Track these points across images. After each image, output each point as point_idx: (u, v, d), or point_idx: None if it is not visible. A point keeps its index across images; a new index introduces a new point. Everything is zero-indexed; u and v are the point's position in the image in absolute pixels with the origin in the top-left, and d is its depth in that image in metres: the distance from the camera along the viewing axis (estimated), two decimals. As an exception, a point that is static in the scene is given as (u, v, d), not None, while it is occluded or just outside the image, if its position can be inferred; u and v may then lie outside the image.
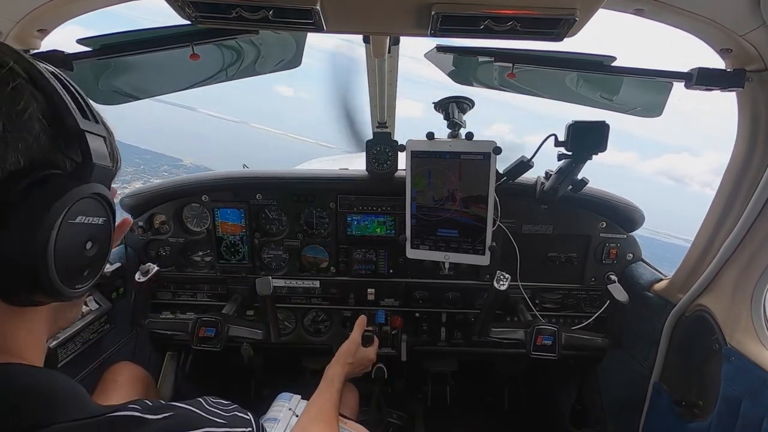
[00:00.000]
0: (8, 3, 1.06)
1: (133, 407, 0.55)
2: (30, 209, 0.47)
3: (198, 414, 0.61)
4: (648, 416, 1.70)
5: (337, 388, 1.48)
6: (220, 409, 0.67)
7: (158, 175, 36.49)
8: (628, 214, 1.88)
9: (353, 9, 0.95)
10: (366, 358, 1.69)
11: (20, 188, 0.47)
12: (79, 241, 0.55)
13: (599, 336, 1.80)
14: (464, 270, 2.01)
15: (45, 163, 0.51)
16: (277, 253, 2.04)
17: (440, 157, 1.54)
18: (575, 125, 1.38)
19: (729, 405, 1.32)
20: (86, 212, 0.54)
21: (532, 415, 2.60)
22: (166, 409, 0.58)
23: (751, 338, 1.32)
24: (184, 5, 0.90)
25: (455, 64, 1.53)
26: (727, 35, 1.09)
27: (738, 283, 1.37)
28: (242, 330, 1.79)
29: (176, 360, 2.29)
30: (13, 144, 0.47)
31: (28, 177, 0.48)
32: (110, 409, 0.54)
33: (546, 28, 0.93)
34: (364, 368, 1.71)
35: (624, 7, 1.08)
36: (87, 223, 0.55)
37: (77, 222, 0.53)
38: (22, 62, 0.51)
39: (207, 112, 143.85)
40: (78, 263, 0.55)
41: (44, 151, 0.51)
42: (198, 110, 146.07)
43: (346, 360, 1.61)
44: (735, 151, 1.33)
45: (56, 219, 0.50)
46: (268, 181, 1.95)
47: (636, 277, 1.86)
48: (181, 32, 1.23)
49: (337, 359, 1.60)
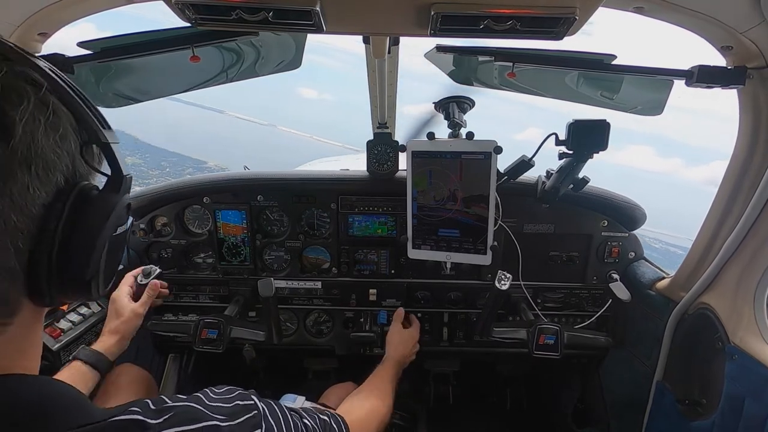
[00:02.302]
0: (9, 7, 1.06)
1: (135, 410, 0.55)
2: (81, 226, 0.50)
3: (199, 409, 0.61)
4: (651, 415, 1.70)
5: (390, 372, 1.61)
6: (222, 400, 0.67)
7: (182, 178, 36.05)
8: (629, 212, 1.87)
9: (353, 9, 0.96)
10: (412, 337, 1.83)
11: (67, 206, 0.49)
12: (118, 249, 0.59)
13: (601, 335, 1.80)
14: (466, 270, 2.01)
15: (80, 177, 0.53)
16: (279, 255, 2.04)
17: (441, 157, 1.54)
18: (576, 124, 1.38)
19: (732, 403, 1.32)
20: (121, 222, 0.58)
21: (534, 414, 2.59)
22: (167, 411, 0.58)
23: (754, 336, 1.32)
24: (184, 8, 0.90)
25: (455, 63, 1.53)
26: (727, 32, 1.09)
27: (740, 280, 1.37)
28: (244, 331, 1.79)
29: (179, 362, 2.29)
30: (58, 166, 0.49)
31: (70, 194, 0.50)
32: (112, 413, 0.54)
33: (546, 27, 0.93)
34: (415, 348, 1.84)
35: (624, 6, 1.07)
36: (122, 232, 0.59)
37: (117, 233, 0.57)
38: (50, 80, 0.51)
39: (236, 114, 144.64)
40: (114, 269, 0.60)
41: (78, 166, 0.52)
42: (227, 113, 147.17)
43: (396, 349, 1.76)
44: (736, 148, 1.32)
45: (107, 234, 0.53)
46: (269, 183, 1.95)
47: (638, 275, 1.86)
48: (181, 34, 1.23)
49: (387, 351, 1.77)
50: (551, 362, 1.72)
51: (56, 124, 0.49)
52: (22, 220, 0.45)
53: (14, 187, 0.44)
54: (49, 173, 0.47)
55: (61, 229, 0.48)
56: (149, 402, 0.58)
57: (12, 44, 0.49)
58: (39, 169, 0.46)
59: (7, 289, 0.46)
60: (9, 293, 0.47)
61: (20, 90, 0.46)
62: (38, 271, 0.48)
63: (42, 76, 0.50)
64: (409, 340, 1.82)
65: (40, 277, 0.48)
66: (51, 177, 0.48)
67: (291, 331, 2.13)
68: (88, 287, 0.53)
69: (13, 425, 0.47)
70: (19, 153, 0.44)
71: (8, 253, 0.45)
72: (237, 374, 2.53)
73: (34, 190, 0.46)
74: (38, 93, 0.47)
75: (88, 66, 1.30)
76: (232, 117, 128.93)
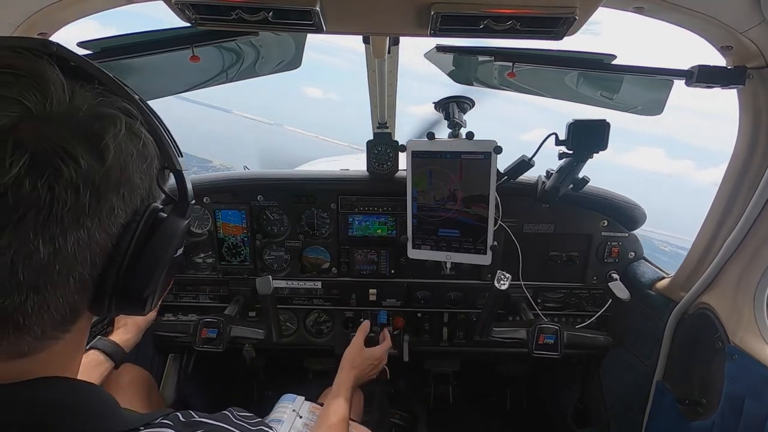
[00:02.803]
0: (9, 7, 1.06)
1: (167, 422, 0.57)
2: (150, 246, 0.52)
3: (226, 428, 0.63)
4: (651, 415, 1.70)
5: (345, 397, 1.45)
6: (246, 422, 0.68)
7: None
8: (629, 212, 1.87)
9: (352, 10, 0.96)
10: (372, 357, 1.68)
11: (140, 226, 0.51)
12: (174, 270, 0.61)
13: (601, 334, 1.80)
14: (466, 270, 2.01)
15: (153, 199, 0.55)
16: (279, 254, 2.04)
17: (441, 157, 1.54)
18: (576, 124, 1.38)
19: (732, 403, 1.32)
20: (181, 245, 0.60)
21: (534, 414, 2.59)
22: (196, 426, 0.60)
23: (754, 336, 1.32)
24: (184, 8, 0.90)
25: (455, 63, 1.53)
26: (727, 32, 1.09)
27: (740, 280, 1.37)
28: (244, 330, 1.79)
29: (179, 362, 2.29)
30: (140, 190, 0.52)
31: (144, 214, 0.52)
32: (144, 419, 0.56)
33: (546, 27, 0.93)
34: (375, 369, 1.69)
35: (624, 5, 1.07)
36: (180, 254, 0.61)
37: (177, 255, 0.59)
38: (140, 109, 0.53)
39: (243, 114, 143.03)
40: (165, 288, 0.61)
41: (153, 189, 0.55)
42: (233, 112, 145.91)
43: (351, 364, 1.60)
44: (736, 148, 1.32)
45: (170, 255, 0.55)
46: (268, 183, 1.95)
47: (638, 275, 1.86)
48: (181, 34, 1.23)
49: (342, 366, 1.60)
50: (551, 362, 1.72)
51: (145, 153, 0.52)
52: (104, 237, 0.47)
53: (104, 208, 0.46)
54: (133, 196, 0.50)
55: (133, 247, 0.50)
56: (179, 415, 0.60)
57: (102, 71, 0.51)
58: (126, 191, 0.49)
59: (78, 300, 0.48)
60: (78, 304, 0.49)
61: (114, 117, 0.48)
62: (105, 286, 0.50)
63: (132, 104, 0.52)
64: (368, 359, 1.66)
65: (106, 291, 0.50)
66: (134, 199, 0.51)
67: (291, 331, 2.13)
68: (144, 303, 0.55)
69: (55, 427, 0.48)
70: (112, 177, 0.46)
71: (87, 267, 0.47)
72: (237, 375, 2.53)
73: (119, 211, 0.48)
74: (131, 121, 0.50)
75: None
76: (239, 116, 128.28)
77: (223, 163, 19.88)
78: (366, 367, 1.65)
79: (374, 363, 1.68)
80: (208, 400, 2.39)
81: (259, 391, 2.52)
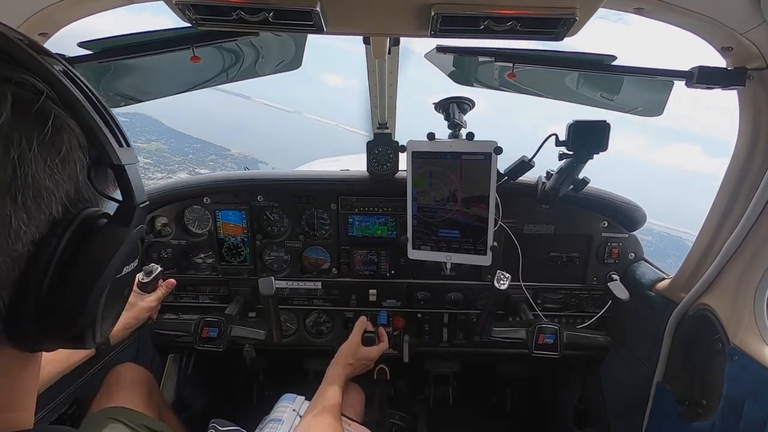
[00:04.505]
0: (10, 7, 1.06)
1: None
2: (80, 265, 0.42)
3: None
4: (651, 416, 1.70)
5: (339, 386, 1.49)
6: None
7: (204, 165, 35.92)
8: (629, 213, 1.87)
9: (353, 10, 0.96)
10: (366, 357, 1.70)
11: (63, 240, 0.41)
12: (121, 293, 0.50)
13: (601, 335, 1.80)
14: (466, 270, 2.01)
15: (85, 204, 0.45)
16: (279, 255, 2.05)
17: (441, 158, 1.54)
18: (576, 125, 1.38)
19: (732, 404, 1.31)
20: (129, 261, 0.49)
21: (534, 415, 2.59)
22: None
23: (755, 337, 1.31)
24: (185, 8, 0.90)
25: (455, 64, 1.53)
26: (727, 33, 1.09)
27: (741, 281, 1.36)
28: (245, 330, 1.79)
29: (179, 362, 2.29)
30: (55, 195, 0.41)
31: (69, 226, 0.42)
32: None
33: (546, 27, 0.93)
34: (366, 369, 1.73)
35: (624, 6, 1.07)
36: (128, 273, 0.49)
37: (123, 274, 0.48)
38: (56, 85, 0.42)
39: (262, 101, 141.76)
40: (116, 315, 0.51)
41: (83, 191, 0.44)
42: (253, 99, 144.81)
43: (346, 361, 1.62)
44: (737, 149, 1.32)
45: (111, 274, 0.45)
46: (268, 183, 1.95)
47: (638, 276, 1.86)
48: (181, 35, 1.24)
49: (336, 360, 1.62)
50: (551, 363, 1.72)
51: (56, 142, 0.40)
52: (3, 260, 0.37)
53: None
54: (41, 204, 0.39)
55: (53, 268, 0.40)
56: None
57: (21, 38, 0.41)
58: (28, 199, 0.38)
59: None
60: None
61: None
62: (20, 315, 0.40)
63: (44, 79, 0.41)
64: (362, 360, 1.69)
65: (21, 321, 0.40)
66: (44, 208, 0.40)
67: (291, 332, 2.13)
68: (81, 336, 0.44)
69: None
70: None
71: None
72: (237, 375, 2.53)
73: (19, 225, 0.37)
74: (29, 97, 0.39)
75: (89, 66, 1.30)
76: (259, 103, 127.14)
77: (242, 152, 19.76)
78: (359, 366, 1.69)
79: (367, 363, 1.72)
80: (208, 400, 2.39)
81: (258, 391, 2.52)
